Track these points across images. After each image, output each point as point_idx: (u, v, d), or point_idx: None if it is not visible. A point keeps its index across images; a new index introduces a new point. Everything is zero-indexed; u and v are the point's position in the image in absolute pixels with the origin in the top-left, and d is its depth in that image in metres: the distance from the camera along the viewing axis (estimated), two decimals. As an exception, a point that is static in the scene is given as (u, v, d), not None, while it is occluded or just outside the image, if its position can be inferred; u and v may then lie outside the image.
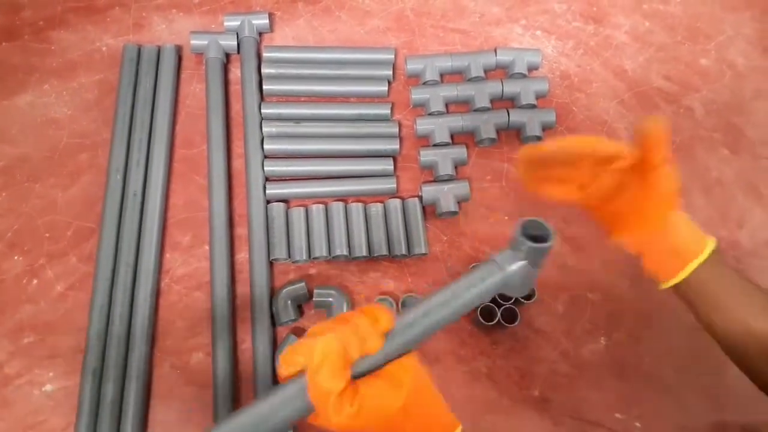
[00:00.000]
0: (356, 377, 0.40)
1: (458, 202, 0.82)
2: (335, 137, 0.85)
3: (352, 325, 0.41)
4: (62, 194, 0.81)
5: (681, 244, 0.51)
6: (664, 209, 0.50)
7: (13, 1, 0.94)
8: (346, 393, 0.38)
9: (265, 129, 0.84)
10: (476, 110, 0.87)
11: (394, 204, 0.81)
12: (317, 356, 0.38)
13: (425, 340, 0.46)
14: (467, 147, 0.85)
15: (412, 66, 0.90)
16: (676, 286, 0.52)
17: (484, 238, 0.82)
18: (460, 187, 0.82)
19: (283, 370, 0.40)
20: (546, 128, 0.88)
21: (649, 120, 0.47)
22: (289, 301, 0.75)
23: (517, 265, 0.48)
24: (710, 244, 0.51)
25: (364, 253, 0.78)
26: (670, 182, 0.49)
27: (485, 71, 0.90)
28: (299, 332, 0.75)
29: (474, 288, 0.47)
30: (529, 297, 0.75)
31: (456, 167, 0.85)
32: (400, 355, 0.43)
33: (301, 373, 0.40)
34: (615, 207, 0.53)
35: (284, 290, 0.75)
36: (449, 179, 0.83)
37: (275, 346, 0.74)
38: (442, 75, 0.91)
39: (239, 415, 0.40)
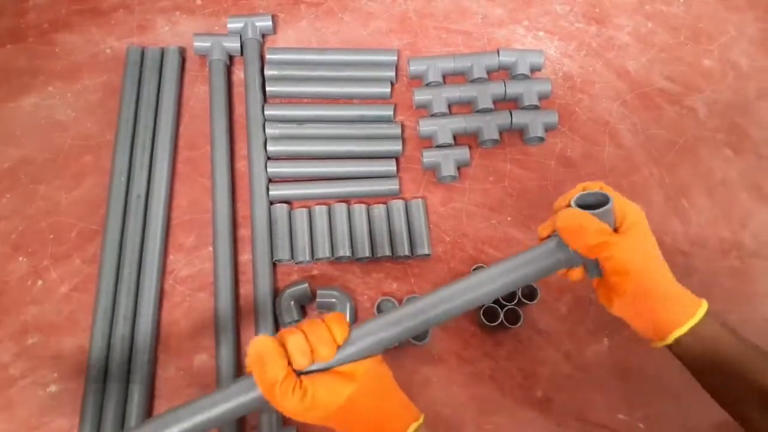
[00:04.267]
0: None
1: (458, 167, 0.84)
2: (338, 139, 0.86)
3: (300, 333, 0.46)
4: (66, 196, 0.81)
5: (669, 304, 0.51)
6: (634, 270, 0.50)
7: (18, 3, 0.94)
8: (288, 381, 0.44)
9: (268, 131, 0.84)
10: (479, 111, 0.87)
11: (397, 205, 0.81)
12: (253, 354, 0.45)
13: (385, 348, 0.49)
14: (470, 148, 0.85)
15: (415, 67, 0.90)
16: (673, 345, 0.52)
17: (487, 239, 0.82)
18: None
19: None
20: (549, 129, 0.88)
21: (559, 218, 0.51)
22: (292, 302, 0.75)
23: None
24: (704, 304, 0.51)
25: (367, 254, 0.78)
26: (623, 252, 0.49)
27: (488, 72, 0.90)
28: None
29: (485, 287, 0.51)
30: (532, 298, 0.75)
31: (458, 168, 0.85)
32: (357, 360, 0.47)
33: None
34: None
35: (287, 291, 0.75)
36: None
37: (278, 347, 0.74)
38: (444, 76, 0.91)
39: (197, 400, 0.47)
